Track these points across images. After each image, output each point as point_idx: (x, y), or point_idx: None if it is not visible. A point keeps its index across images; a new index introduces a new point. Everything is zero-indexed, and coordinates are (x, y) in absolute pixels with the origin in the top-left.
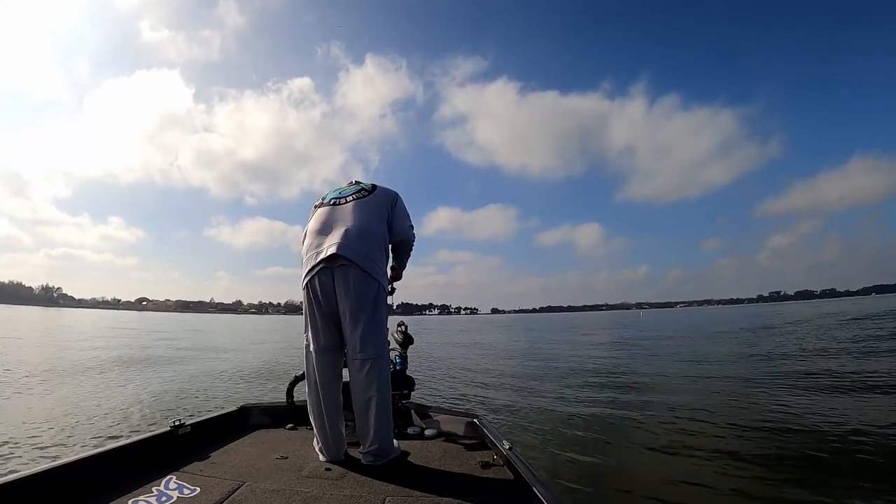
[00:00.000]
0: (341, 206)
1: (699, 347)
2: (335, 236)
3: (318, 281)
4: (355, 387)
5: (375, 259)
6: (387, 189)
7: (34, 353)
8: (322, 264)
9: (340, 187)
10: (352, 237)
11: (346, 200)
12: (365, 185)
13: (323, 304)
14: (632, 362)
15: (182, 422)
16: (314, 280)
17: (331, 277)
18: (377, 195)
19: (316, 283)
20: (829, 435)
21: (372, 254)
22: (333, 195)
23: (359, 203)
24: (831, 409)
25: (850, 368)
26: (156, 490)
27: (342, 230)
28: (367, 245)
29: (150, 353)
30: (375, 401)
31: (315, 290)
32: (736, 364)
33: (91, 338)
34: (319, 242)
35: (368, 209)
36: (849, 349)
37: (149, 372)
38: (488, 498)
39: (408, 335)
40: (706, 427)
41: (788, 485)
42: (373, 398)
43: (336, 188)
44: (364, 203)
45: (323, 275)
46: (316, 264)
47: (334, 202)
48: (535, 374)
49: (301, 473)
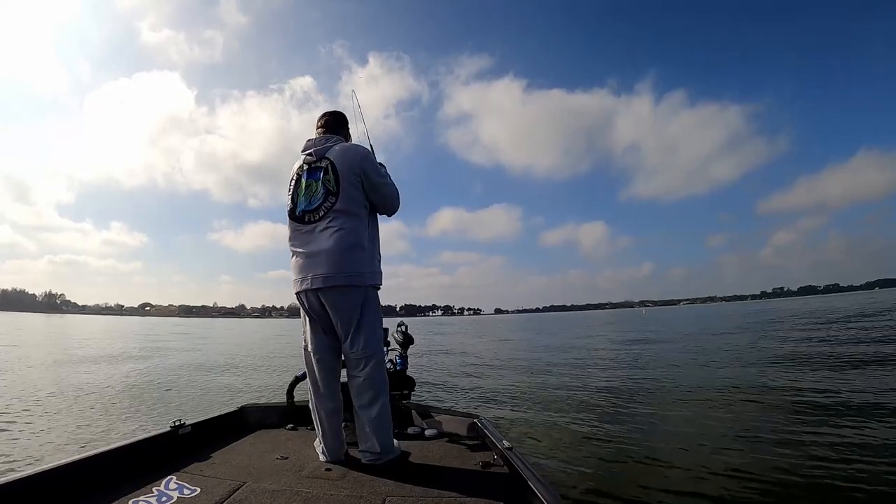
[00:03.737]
0: (315, 223)
1: (700, 348)
2: (317, 263)
3: (305, 299)
4: (353, 386)
5: (359, 261)
6: (350, 163)
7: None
8: (307, 290)
9: (309, 184)
10: (331, 264)
11: (319, 215)
12: (328, 175)
13: (315, 316)
14: (633, 368)
15: (182, 422)
16: (301, 297)
17: (318, 299)
18: (345, 188)
19: (304, 301)
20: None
21: (354, 264)
22: (304, 205)
23: (332, 215)
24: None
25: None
26: (156, 490)
27: (321, 258)
28: (346, 259)
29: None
30: (372, 399)
31: (304, 304)
32: (739, 369)
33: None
34: (303, 267)
35: (342, 218)
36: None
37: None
38: (488, 498)
39: (408, 335)
40: (709, 431)
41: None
42: (370, 397)
43: (302, 181)
44: (336, 212)
45: (311, 295)
46: (301, 290)
47: (308, 218)
48: (531, 393)
49: (301, 473)
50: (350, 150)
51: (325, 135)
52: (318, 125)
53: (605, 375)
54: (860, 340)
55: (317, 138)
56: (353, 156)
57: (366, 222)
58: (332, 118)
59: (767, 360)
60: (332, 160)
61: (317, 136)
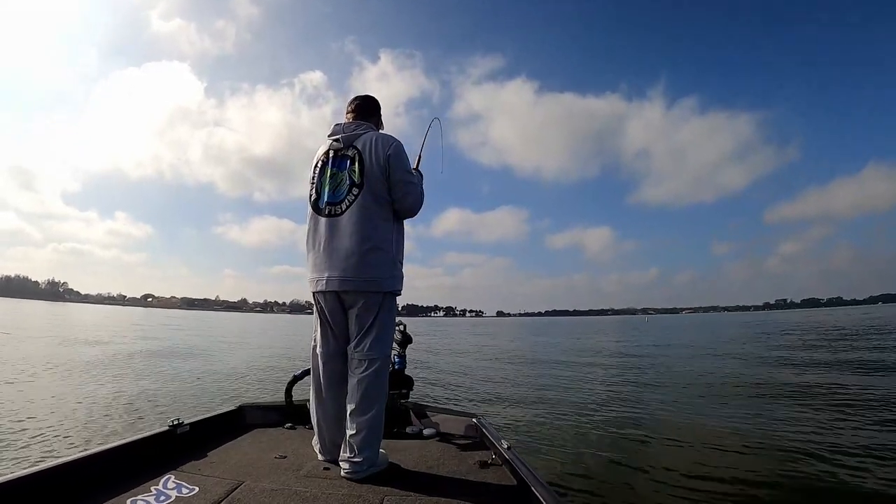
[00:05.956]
0: (338, 217)
1: (696, 355)
2: (336, 263)
3: (322, 299)
4: (349, 387)
5: (378, 265)
6: (378, 155)
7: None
8: (322, 291)
9: (334, 173)
10: (349, 266)
11: (342, 209)
12: (354, 166)
13: (329, 318)
14: (633, 371)
15: (180, 421)
16: (318, 297)
17: (336, 300)
18: (371, 182)
19: (321, 301)
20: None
21: (374, 267)
22: (328, 196)
23: (356, 210)
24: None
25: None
26: (154, 489)
27: (342, 256)
28: (366, 262)
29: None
30: (366, 407)
31: (321, 305)
32: (738, 372)
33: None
34: (320, 265)
35: (367, 214)
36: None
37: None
38: (487, 498)
39: (406, 335)
40: (709, 433)
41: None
42: (364, 403)
43: (328, 170)
44: (360, 207)
45: (329, 296)
46: (318, 290)
47: (330, 211)
48: (530, 393)
49: (300, 473)
50: (380, 139)
51: (355, 121)
52: (348, 110)
53: (604, 377)
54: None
55: (346, 124)
56: (383, 147)
57: (391, 221)
58: (364, 103)
59: (769, 364)
60: (360, 149)
61: (346, 120)
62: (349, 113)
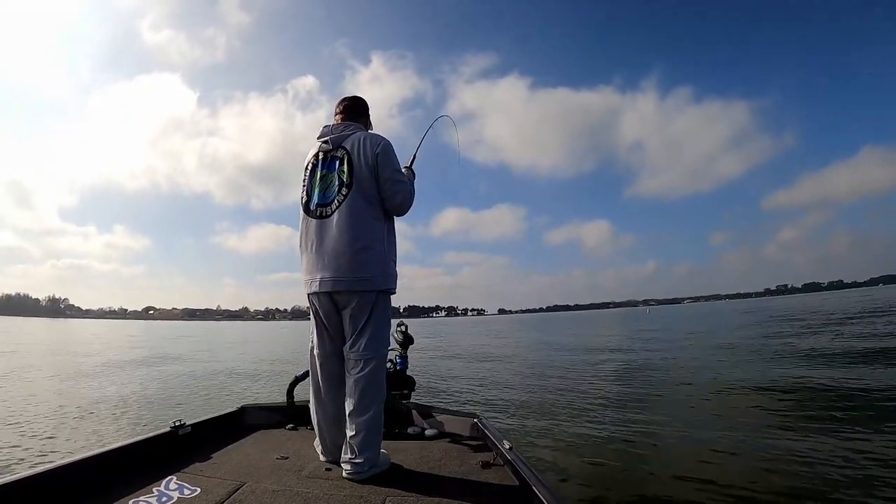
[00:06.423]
0: (328, 219)
1: (699, 346)
2: (327, 264)
3: (317, 300)
4: (346, 388)
5: (370, 264)
6: (367, 154)
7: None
8: (316, 292)
9: (324, 175)
10: (341, 266)
11: (332, 210)
12: (343, 166)
13: (324, 319)
14: (633, 370)
15: (182, 422)
16: (312, 299)
17: (329, 301)
18: (360, 181)
19: (315, 303)
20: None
21: (366, 266)
22: (319, 197)
23: (346, 210)
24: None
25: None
26: (156, 490)
27: (334, 256)
28: (358, 261)
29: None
30: (364, 407)
31: (315, 306)
32: (741, 370)
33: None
34: (313, 267)
35: (357, 213)
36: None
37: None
38: (489, 498)
39: (408, 335)
40: (710, 433)
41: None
42: (362, 403)
43: (318, 172)
44: (350, 207)
45: (322, 297)
46: (311, 292)
47: (321, 212)
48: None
49: (301, 474)
50: (368, 139)
51: (343, 122)
52: (337, 111)
53: (605, 376)
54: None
55: (334, 125)
56: (371, 146)
57: (382, 220)
58: (352, 104)
59: (772, 360)
60: (348, 150)
61: (335, 122)
62: (338, 114)
